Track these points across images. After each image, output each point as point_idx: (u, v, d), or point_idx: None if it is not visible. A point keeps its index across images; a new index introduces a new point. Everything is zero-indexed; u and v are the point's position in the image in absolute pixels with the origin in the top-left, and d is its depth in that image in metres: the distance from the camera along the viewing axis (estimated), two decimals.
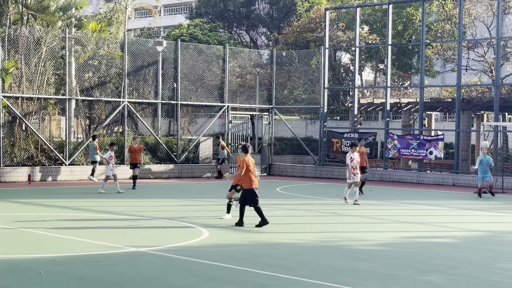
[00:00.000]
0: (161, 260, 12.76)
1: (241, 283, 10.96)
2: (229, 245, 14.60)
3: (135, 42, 36.23)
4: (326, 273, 11.87)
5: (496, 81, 33.40)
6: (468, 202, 25.07)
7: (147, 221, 18.13)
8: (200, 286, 10.70)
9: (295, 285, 10.91)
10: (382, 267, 12.51)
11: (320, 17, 49.44)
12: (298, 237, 15.98)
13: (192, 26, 62.75)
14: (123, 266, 12.16)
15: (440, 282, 11.40)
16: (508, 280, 11.59)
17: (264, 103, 39.91)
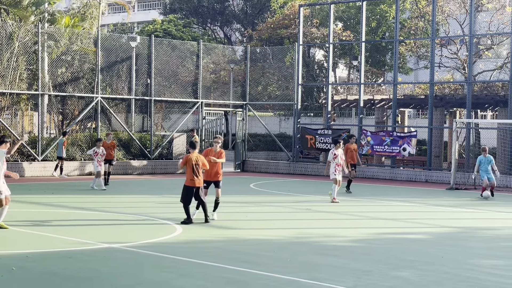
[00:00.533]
0: (134, 256, 12.72)
1: (214, 279, 10.96)
2: (202, 241, 14.58)
3: (109, 38, 36.03)
4: (299, 269, 11.90)
5: (469, 78, 33.65)
6: (441, 199, 25.25)
7: (120, 217, 18.05)
8: (173, 282, 10.69)
9: (268, 281, 10.92)
10: (355, 263, 12.57)
11: (294, 14, 49.49)
12: (271, 233, 16.00)
13: (166, 22, 62.54)
14: (96, 262, 12.10)
15: (413, 277, 11.48)
16: (480, 276, 11.70)
17: (238, 99, 39.90)
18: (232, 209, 20.56)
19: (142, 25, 72.87)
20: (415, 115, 54.06)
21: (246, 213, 19.60)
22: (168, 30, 59.35)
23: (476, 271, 12.05)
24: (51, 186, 26.31)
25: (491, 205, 23.28)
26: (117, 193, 24.36)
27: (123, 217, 18.01)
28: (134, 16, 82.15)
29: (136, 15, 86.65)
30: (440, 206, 22.83)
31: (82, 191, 24.47)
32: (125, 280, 10.75)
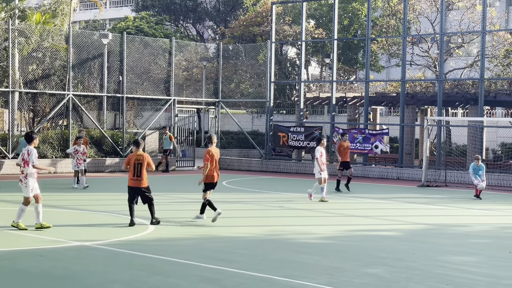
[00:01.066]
0: (106, 254, 12.67)
1: (187, 277, 10.95)
2: (175, 239, 14.56)
3: (80, 35, 35.79)
4: (272, 266, 11.93)
5: (440, 76, 33.92)
6: (412, 196, 25.42)
7: (92, 215, 17.96)
8: (146, 280, 10.66)
9: (241, 279, 10.93)
10: (328, 260, 12.63)
11: (267, 11, 49.52)
12: (243, 231, 16.03)
13: (138, 19, 62.19)
14: (67, 261, 12.03)
15: (384, 274, 11.56)
16: (451, 272, 11.81)
17: (211, 96, 39.85)
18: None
19: (114, 22, 72.47)
20: (387, 112, 54.40)
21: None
22: (140, 27, 59.05)
23: (447, 268, 12.16)
24: None
25: (462, 202, 23.50)
26: (88, 191, 24.21)
27: (95, 215, 17.92)
28: (106, 13, 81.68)
29: (108, 12, 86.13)
30: (411, 203, 23.00)
31: (52, 189, 24.28)
32: (97, 278, 10.71)
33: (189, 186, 27.34)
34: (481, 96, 31.48)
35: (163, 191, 24.55)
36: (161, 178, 30.56)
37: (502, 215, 20.53)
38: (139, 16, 63.75)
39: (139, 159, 16.02)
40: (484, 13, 32.08)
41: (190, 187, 26.95)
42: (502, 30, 41.83)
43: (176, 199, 22.47)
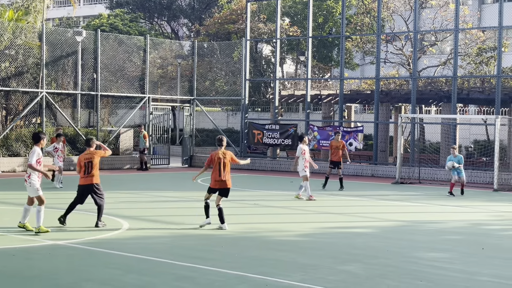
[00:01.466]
0: (81, 253, 12.60)
1: (162, 275, 10.92)
2: (149, 237, 14.51)
3: (54, 32, 35.52)
4: (247, 264, 11.94)
5: (414, 73, 34.12)
6: (386, 193, 25.54)
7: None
8: (120, 279, 10.62)
9: (216, 277, 10.92)
10: (303, 258, 12.65)
11: (242, 9, 49.50)
12: (218, 229, 16.00)
13: (113, 16, 61.92)
14: (41, 260, 11.95)
15: (358, 271, 11.61)
16: (424, 269, 11.89)
17: (186, 94, 39.76)
18: (180, 204, 20.52)
19: (88, 20, 72.02)
20: (361, 110, 54.61)
21: (193, 209, 19.55)
22: (114, 24, 58.78)
23: (420, 264, 12.24)
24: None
25: (435, 199, 23.66)
26: (61, 190, 24.05)
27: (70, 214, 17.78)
28: (80, 10, 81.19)
29: (82, 9, 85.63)
30: (385, 200, 23.11)
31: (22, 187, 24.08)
32: (71, 277, 10.64)
33: (164, 184, 27.26)
34: (454, 93, 31.72)
35: (138, 189, 24.54)
36: (137, 176, 30.46)
37: (475, 211, 20.71)
38: (113, 13, 63.48)
39: (89, 158, 15.45)
40: (457, 11, 32.32)
41: (165, 185, 26.88)
42: (474, 28, 42.18)
43: (150, 197, 22.37)
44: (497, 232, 16.47)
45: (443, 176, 31.06)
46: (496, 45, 35.62)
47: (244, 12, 45.33)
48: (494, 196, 25.23)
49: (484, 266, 12.20)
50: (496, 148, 27.32)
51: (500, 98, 30.75)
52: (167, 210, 17.43)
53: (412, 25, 36.54)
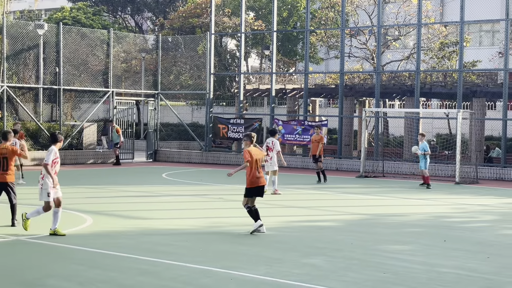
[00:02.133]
0: (43, 249, 12.51)
1: (126, 270, 10.90)
2: (113, 232, 14.45)
3: (15, 25, 35.11)
4: (212, 258, 11.95)
5: (377, 68, 34.35)
6: (351, 186, 25.70)
7: (27, 208, 17.67)
8: (85, 274, 10.56)
9: (180, 271, 10.93)
10: (268, 251, 12.70)
11: (206, 3, 49.39)
12: (184, 223, 16.00)
13: (75, 10, 61.32)
14: (2, 256, 11.84)
15: (323, 264, 11.69)
16: (387, 261, 12.00)
17: (150, 88, 39.58)
18: (144, 199, 20.45)
19: (50, 13, 71.29)
20: (326, 104, 54.79)
21: (158, 203, 19.51)
22: (77, 18, 58.24)
23: (384, 257, 12.36)
24: None
25: (399, 192, 23.87)
26: (25, 185, 23.83)
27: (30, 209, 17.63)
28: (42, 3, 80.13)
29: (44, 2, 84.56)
30: (350, 194, 23.26)
31: None
32: (33, 273, 10.57)
33: (128, 179, 27.14)
34: (417, 88, 32.00)
35: (102, 183, 24.41)
36: (101, 171, 30.30)
37: (437, 204, 20.93)
38: (76, 6, 62.86)
39: (4, 153, 14.64)
40: (419, 6, 32.59)
41: (129, 180, 26.76)
42: (437, 23, 42.55)
43: (115, 192, 22.26)
44: (458, 225, 16.68)
45: (406, 169, 31.36)
46: (458, 40, 36.00)
47: (208, 6, 45.23)
48: (456, 189, 25.53)
49: (446, 258, 12.36)
50: (458, 141, 27.64)
51: (462, 92, 31.10)
52: (132, 205, 17.38)
53: (376, 19, 36.77)
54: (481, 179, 28.50)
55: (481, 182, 27.82)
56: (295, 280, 10.46)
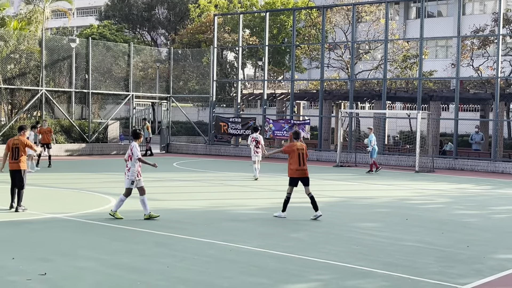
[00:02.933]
0: (74, 224, 12.48)
1: (143, 242, 10.87)
2: (132, 211, 14.40)
3: (52, 39, 34.97)
4: (215, 233, 11.94)
5: (351, 76, 34.33)
6: (328, 174, 25.68)
7: (62, 191, 17.65)
8: (108, 246, 10.54)
9: (189, 243, 10.91)
10: (260, 227, 12.69)
11: (210, 22, 49.25)
12: (191, 204, 15.98)
13: (102, 27, 61.08)
14: (41, 230, 11.81)
15: (306, 238, 11.69)
16: (359, 236, 12.01)
17: (163, 92, 39.49)
18: (158, 183, 20.41)
19: (81, 29, 71.00)
20: (308, 106, 54.81)
21: (170, 187, 19.47)
22: (103, 33, 58.00)
23: (357, 232, 12.37)
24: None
25: (368, 179, 23.88)
26: (60, 171, 23.79)
27: (65, 192, 17.62)
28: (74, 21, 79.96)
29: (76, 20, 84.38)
30: (328, 180, 23.25)
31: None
32: (67, 244, 10.55)
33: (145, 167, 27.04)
34: (384, 93, 32.00)
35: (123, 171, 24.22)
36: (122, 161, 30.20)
37: (401, 189, 20.95)
38: (102, 24, 62.64)
39: (16, 144, 14.05)
40: (386, 25, 32.57)
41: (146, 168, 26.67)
42: (400, 39, 42.54)
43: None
44: (418, 206, 16.69)
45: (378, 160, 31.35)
46: (418, 53, 35.99)
47: (212, 24, 45.10)
48: (415, 176, 25.56)
49: (408, 234, 12.37)
50: (417, 137, 27.67)
51: (421, 96, 31.12)
52: (148, 188, 17.24)
53: (350, 36, 36.72)
54: (436, 169, 28.53)
55: (436, 171, 27.86)
56: (283, 251, 10.46)
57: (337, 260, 9.84)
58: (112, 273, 8.75)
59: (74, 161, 29.37)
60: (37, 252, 9.88)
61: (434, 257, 10.28)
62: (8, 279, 8.26)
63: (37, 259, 9.41)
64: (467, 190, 21.04)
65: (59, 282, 8.19)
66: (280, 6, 50.68)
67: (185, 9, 61.77)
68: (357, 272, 9.17)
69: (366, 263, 9.71)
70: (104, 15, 66.12)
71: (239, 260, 9.73)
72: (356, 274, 9.08)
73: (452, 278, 8.96)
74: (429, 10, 56.07)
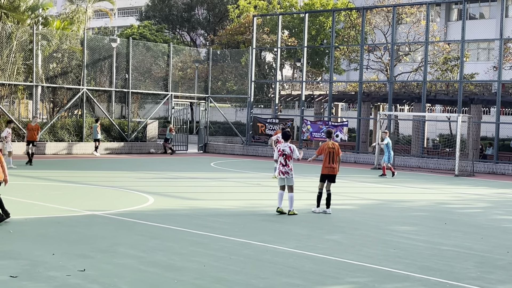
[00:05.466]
0: (113, 222, 12.63)
1: (180, 241, 10.95)
2: (170, 210, 14.53)
3: (93, 39, 35.49)
4: (251, 233, 11.95)
5: (390, 78, 34.04)
6: (366, 176, 25.53)
7: (102, 189, 17.89)
8: (146, 243, 10.64)
9: (225, 243, 10.94)
10: (297, 229, 12.66)
11: (249, 23, 49.38)
12: (227, 204, 16.03)
13: (142, 27, 61.75)
14: (81, 227, 11.98)
15: (343, 240, 11.62)
16: (396, 239, 11.90)
17: (202, 92, 39.73)
18: (196, 183, 20.54)
19: (122, 29, 71.87)
20: (346, 108, 54.52)
21: (207, 187, 19.57)
22: (143, 33, 58.63)
23: (394, 235, 12.25)
24: (43, 163, 25.91)
25: (406, 182, 23.65)
26: (99, 169, 24.13)
27: (105, 189, 17.86)
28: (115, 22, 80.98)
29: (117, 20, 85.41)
30: (365, 182, 23.11)
31: (68, 166, 24.15)
32: (106, 242, 10.68)
33: (183, 166, 27.28)
34: (424, 95, 31.65)
35: (162, 170, 24.54)
36: (161, 159, 30.50)
37: (439, 192, 20.70)
38: (142, 24, 63.31)
39: None
40: (427, 27, 32.21)
41: (184, 167, 26.90)
42: (441, 41, 42.01)
43: (172, 177, 22.41)
44: (457, 210, 16.47)
45: (413, 163, 31.07)
46: (459, 56, 35.49)
47: (251, 25, 45.21)
48: (455, 180, 25.22)
49: (446, 238, 12.21)
50: (457, 141, 27.30)
51: (461, 99, 30.70)
52: (185, 187, 17.45)
53: (390, 38, 36.41)
54: (476, 173, 28.11)
55: (476, 175, 27.44)
56: (319, 253, 10.42)
57: (374, 263, 9.76)
58: (150, 270, 8.84)
59: (113, 160, 29.74)
60: (76, 249, 10.03)
61: (473, 262, 10.13)
62: (48, 274, 8.41)
63: (77, 255, 9.55)
64: (507, 195, 20.67)
65: (98, 278, 8.31)
66: (320, 7, 50.52)
67: (225, 10, 62.05)
68: (394, 276, 9.09)
69: (403, 266, 9.61)
70: (145, 16, 66.83)
71: (275, 260, 9.73)
72: (393, 277, 9.00)
73: (492, 284, 8.82)
74: (471, 12, 55.24)
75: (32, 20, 33.84)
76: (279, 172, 14.37)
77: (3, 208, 11.87)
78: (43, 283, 7.98)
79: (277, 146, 14.61)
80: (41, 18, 34.87)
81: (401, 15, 42.01)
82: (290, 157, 14.26)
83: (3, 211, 11.89)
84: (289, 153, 14.22)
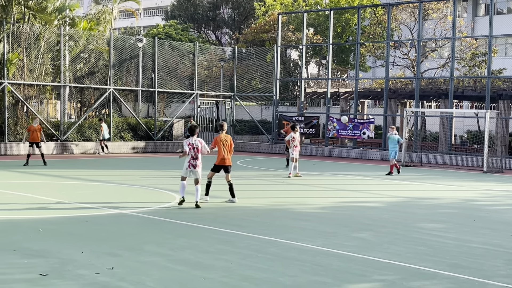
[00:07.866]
0: (140, 220, 12.71)
1: (206, 239, 10.97)
2: (196, 208, 14.57)
3: (120, 39, 35.76)
4: (277, 231, 11.94)
5: (417, 75, 33.75)
6: (393, 173, 25.30)
7: (129, 188, 18.02)
8: (172, 242, 10.69)
9: (252, 241, 10.94)
10: (323, 226, 12.62)
11: (274, 20, 49.31)
12: (254, 202, 16.03)
13: (167, 26, 62.05)
14: (109, 225, 12.08)
15: (370, 238, 11.55)
16: (424, 236, 11.79)
17: (227, 91, 39.80)
18: (221, 181, 20.56)
19: (148, 29, 72.31)
20: (373, 105, 54.19)
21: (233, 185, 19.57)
22: (169, 33, 58.91)
23: (421, 233, 12.14)
24: (70, 161, 26.16)
25: (434, 179, 23.43)
26: (127, 168, 24.31)
27: (132, 188, 17.98)
28: (141, 21, 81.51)
29: (143, 20, 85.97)
30: (392, 180, 22.94)
31: (96, 166, 24.36)
32: (133, 240, 10.74)
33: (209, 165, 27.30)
34: (451, 91, 31.32)
35: None
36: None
37: (467, 190, 20.48)
38: (168, 24, 63.63)
39: None
40: (454, 22, 31.86)
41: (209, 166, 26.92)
42: (468, 37, 41.53)
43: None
44: (486, 207, 16.27)
45: (441, 160, 30.76)
46: (486, 51, 35.07)
47: (276, 23, 45.14)
48: (483, 177, 24.93)
49: (475, 235, 12.07)
50: (486, 137, 26.97)
51: (489, 95, 30.32)
52: (212, 186, 17.45)
53: (416, 34, 36.09)
54: (505, 169, 27.74)
55: (505, 172, 27.09)
56: (347, 251, 10.37)
57: (402, 261, 9.68)
58: (177, 268, 8.87)
59: (140, 158, 29.94)
60: (104, 247, 10.11)
61: (503, 260, 9.99)
62: (77, 272, 8.49)
63: (105, 253, 9.63)
64: None
65: (126, 276, 8.36)
66: (345, 4, 50.27)
67: (250, 8, 62.07)
68: (422, 273, 9.00)
69: (431, 264, 9.52)
70: (170, 15, 67.12)
71: (302, 258, 9.70)
72: (421, 275, 8.92)
73: None
74: (499, 7, 54.52)
75: (59, 21, 34.20)
76: (189, 165, 14.97)
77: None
78: (72, 281, 8.06)
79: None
80: (68, 19, 35.24)
81: (427, 11, 41.61)
82: (200, 151, 15.13)
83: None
84: (199, 147, 15.07)
